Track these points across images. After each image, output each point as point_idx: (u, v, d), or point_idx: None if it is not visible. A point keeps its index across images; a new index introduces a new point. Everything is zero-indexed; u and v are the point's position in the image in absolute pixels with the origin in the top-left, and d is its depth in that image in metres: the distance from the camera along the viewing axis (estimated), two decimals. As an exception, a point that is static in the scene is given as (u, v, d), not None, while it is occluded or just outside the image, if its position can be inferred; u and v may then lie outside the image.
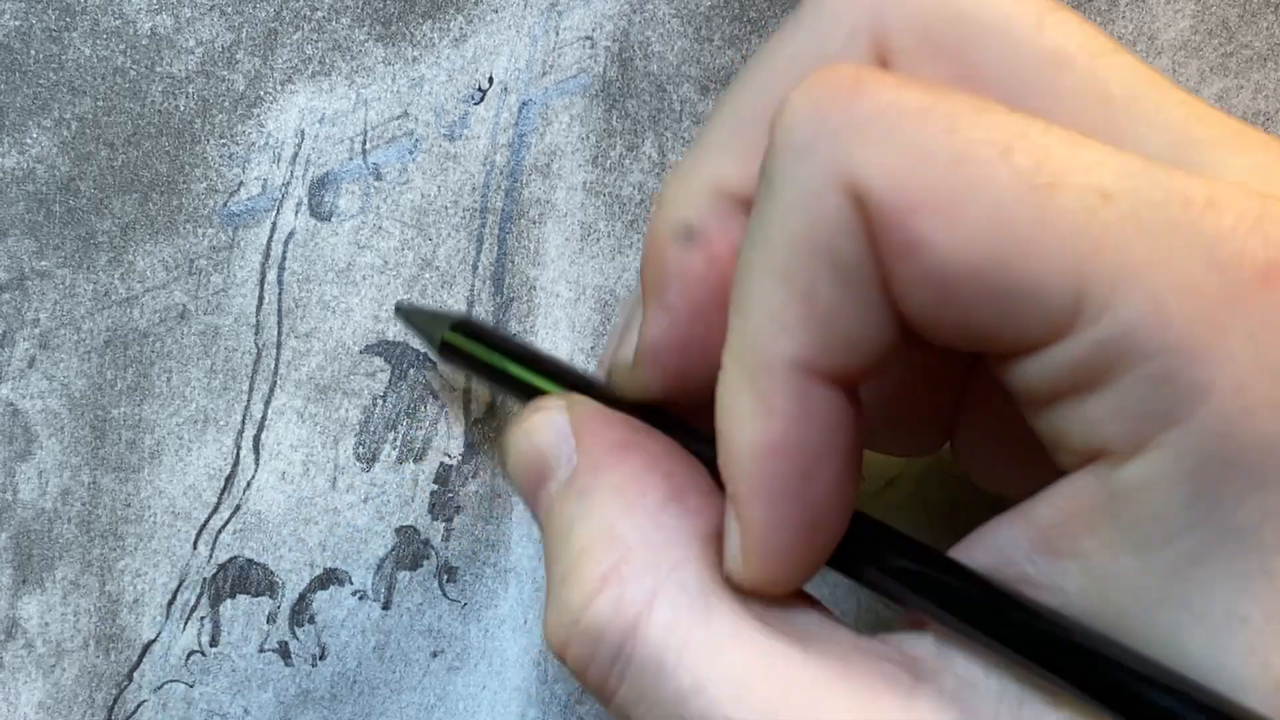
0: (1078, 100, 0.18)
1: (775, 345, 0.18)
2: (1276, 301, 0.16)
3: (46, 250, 0.32)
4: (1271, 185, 0.17)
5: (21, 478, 0.32)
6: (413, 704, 0.34)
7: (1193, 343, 0.16)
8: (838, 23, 0.20)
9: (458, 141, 0.34)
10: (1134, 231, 0.16)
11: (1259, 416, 0.16)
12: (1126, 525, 0.17)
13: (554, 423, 0.22)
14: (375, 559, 0.33)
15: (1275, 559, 0.16)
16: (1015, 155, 0.16)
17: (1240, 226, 0.16)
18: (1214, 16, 0.36)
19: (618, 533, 0.20)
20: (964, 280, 0.16)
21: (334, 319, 0.33)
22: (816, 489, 0.19)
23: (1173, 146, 0.18)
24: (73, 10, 0.31)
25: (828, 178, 0.17)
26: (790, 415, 0.18)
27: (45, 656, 0.32)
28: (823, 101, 0.17)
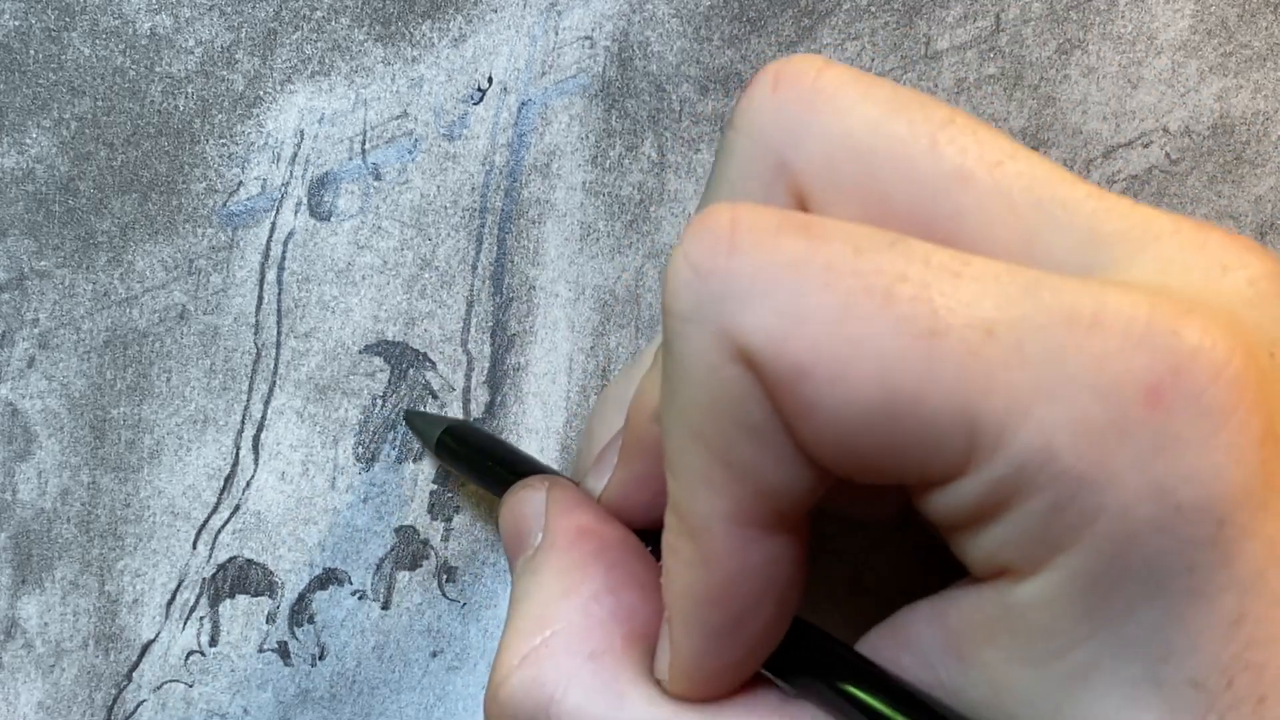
0: (983, 214, 0.19)
1: (707, 505, 0.18)
2: (1161, 421, 0.16)
3: (46, 250, 0.32)
4: (1175, 277, 0.17)
5: (21, 478, 0.32)
6: (412, 704, 0.34)
7: (1081, 472, 0.16)
8: (750, 172, 0.20)
9: (457, 141, 0.34)
10: (1018, 365, 0.16)
11: (1143, 537, 0.16)
12: (1023, 640, 0.18)
13: (532, 500, 0.24)
14: (375, 559, 0.33)
15: (1164, 668, 0.17)
16: (896, 304, 0.17)
17: (1126, 345, 0.16)
18: (1214, 16, 0.36)
19: (549, 615, 0.22)
20: (859, 435, 0.17)
21: (334, 319, 0.33)
22: (749, 631, 0.19)
23: (1079, 246, 0.18)
24: (72, 10, 0.31)
25: (718, 346, 0.17)
26: (728, 570, 0.19)
27: (45, 656, 0.32)
28: (701, 262, 0.17)
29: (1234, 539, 0.16)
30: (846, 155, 0.19)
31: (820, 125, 0.19)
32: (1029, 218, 0.18)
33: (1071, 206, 0.18)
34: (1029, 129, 0.36)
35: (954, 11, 0.35)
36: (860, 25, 0.35)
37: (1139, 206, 0.18)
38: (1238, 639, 0.16)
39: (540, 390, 0.34)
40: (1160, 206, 0.36)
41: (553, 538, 0.23)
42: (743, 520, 0.18)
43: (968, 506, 0.17)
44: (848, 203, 0.19)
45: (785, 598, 0.19)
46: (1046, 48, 0.36)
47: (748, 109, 0.20)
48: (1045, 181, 0.19)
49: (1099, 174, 0.36)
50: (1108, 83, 0.36)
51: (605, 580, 0.22)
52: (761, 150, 0.20)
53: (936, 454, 0.17)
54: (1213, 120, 0.36)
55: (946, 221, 0.19)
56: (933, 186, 0.19)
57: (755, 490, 0.18)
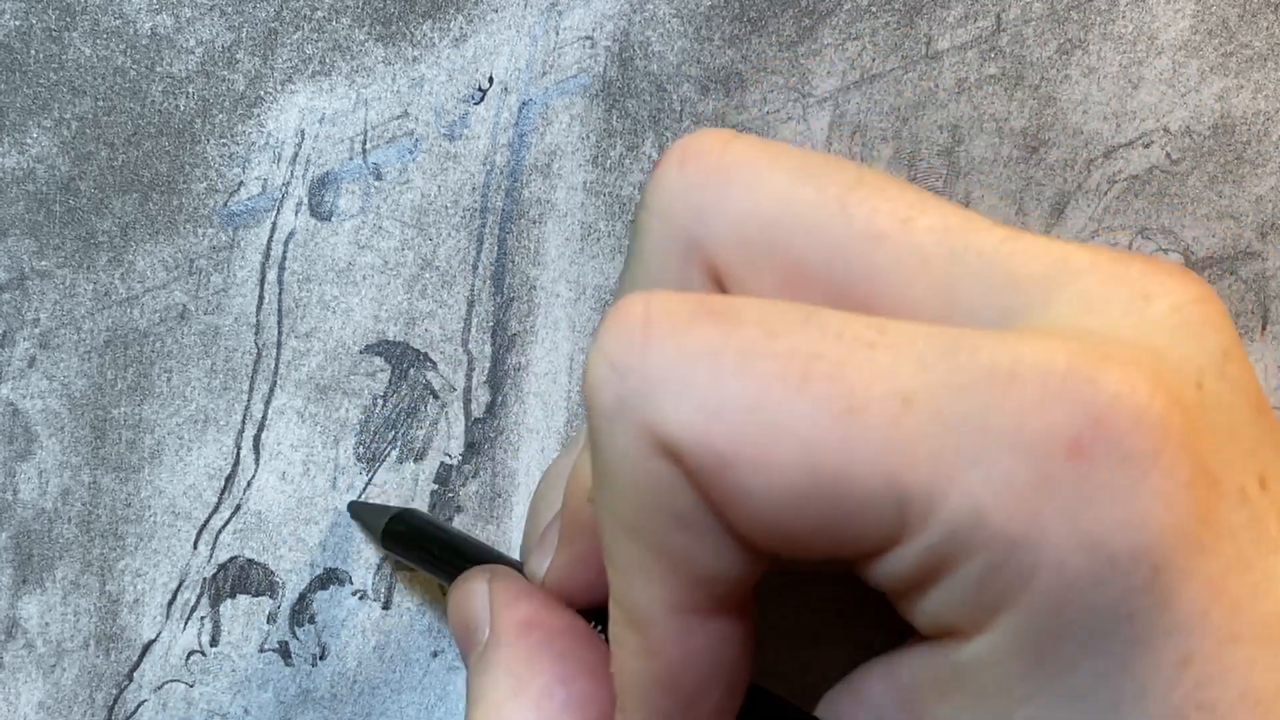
0: (898, 272, 0.18)
1: (646, 595, 0.18)
2: (1086, 473, 0.16)
3: (46, 250, 0.32)
4: (1096, 313, 0.17)
5: (21, 478, 0.32)
6: (413, 704, 0.34)
7: (1011, 533, 0.16)
8: (663, 253, 0.20)
9: (458, 141, 0.34)
10: (939, 432, 0.16)
11: (1080, 590, 0.16)
12: (971, 698, 0.18)
13: (477, 593, 0.24)
14: (375, 559, 0.33)
15: (1114, 715, 0.17)
16: (812, 384, 0.16)
17: (1045, 399, 0.16)
18: (1214, 16, 0.36)
19: (503, 715, 0.22)
20: (789, 517, 0.17)
21: (334, 319, 0.33)
22: (702, 710, 0.19)
23: (998, 292, 0.18)
24: (73, 10, 0.31)
25: (641, 441, 0.17)
26: (673, 657, 0.19)
27: (45, 656, 0.32)
28: (618, 358, 0.17)
29: (1171, 583, 0.16)
30: (757, 228, 0.19)
31: (729, 201, 0.19)
32: (944, 270, 0.18)
33: (987, 253, 0.18)
34: (1029, 129, 0.36)
35: (955, 11, 0.35)
36: (861, 25, 0.35)
37: (1056, 243, 0.18)
38: (1186, 680, 0.16)
39: (541, 390, 0.34)
40: (1161, 206, 0.36)
41: (499, 632, 0.23)
42: (683, 607, 0.18)
43: (905, 574, 0.17)
44: (763, 275, 0.19)
45: (734, 677, 0.19)
46: (1047, 48, 0.36)
47: (657, 189, 0.20)
48: (958, 231, 0.18)
49: (1100, 174, 0.36)
50: (1108, 83, 0.36)
51: (555, 672, 0.22)
52: (673, 230, 0.20)
53: (868, 528, 0.17)
54: (1213, 120, 0.36)
55: (862, 284, 0.19)
56: (845, 250, 0.19)
57: (692, 578, 0.18)
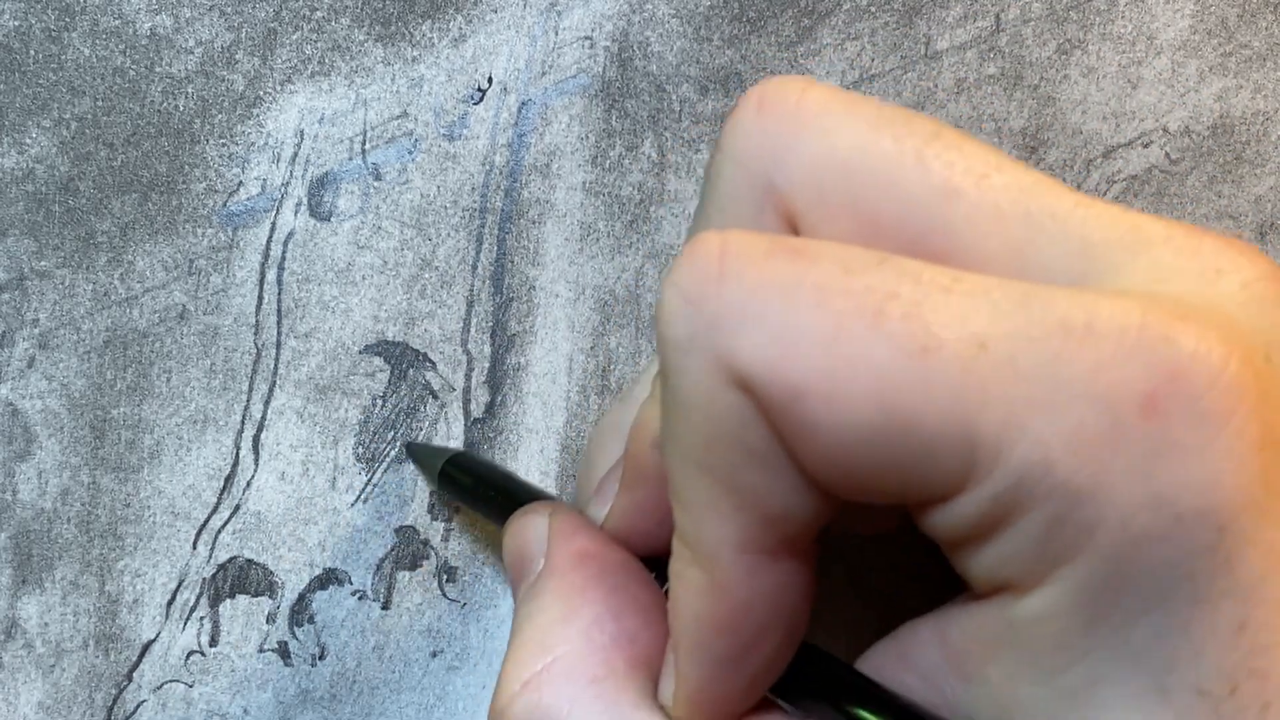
0: (973, 228, 0.18)
1: (715, 533, 0.18)
2: (1157, 429, 0.16)
3: (46, 250, 0.32)
4: (1169, 282, 0.17)
5: (21, 478, 0.32)
6: (412, 704, 0.34)
7: (1079, 484, 0.16)
8: (738, 196, 0.20)
9: (457, 141, 0.34)
10: (1013, 378, 0.16)
11: (1144, 547, 0.16)
12: (1026, 655, 0.18)
13: (535, 525, 0.24)
14: (375, 559, 0.33)
15: (1168, 676, 0.17)
16: (888, 322, 0.17)
17: (1119, 353, 0.16)
18: (1214, 16, 0.36)
19: (549, 640, 0.22)
20: (858, 454, 0.17)
21: (334, 319, 0.33)
22: (757, 657, 0.19)
23: (1071, 256, 0.18)
24: (72, 10, 0.31)
25: (714, 373, 0.17)
26: (738, 597, 0.19)
27: (45, 656, 0.32)
28: (693, 291, 0.17)
29: (1235, 546, 0.16)
30: (833, 175, 0.19)
31: (805, 146, 0.19)
32: (1018, 229, 0.18)
33: (1061, 216, 0.18)
34: (1029, 129, 0.36)
35: (954, 11, 0.35)
36: (860, 25, 0.35)
37: (1129, 213, 0.18)
38: (1241, 646, 0.16)
39: (540, 390, 0.34)
40: (1160, 207, 0.36)
41: (554, 562, 0.23)
42: (750, 547, 0.18)
43: (968, 523, 0.17)
44: (837, 222, 0.19)
45: (793, 624, 0.19)
46: (1046, 48, 0.36)
47: (733, 133, 0.20)
48: (1033, 192, 0.19)
49: (1099, 174, 0.36)
50: (1108, 83, 0.36)
51: (607, 605, 0.22)
52: (748, 174, 0.20)
53: (935, 471, 0.17)
54: (1213, 120, 0.36)
55: (936, 237, 0.19)
56: (921, 202, 0.19)
57: (761, 516, 0.18)
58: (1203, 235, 0.18)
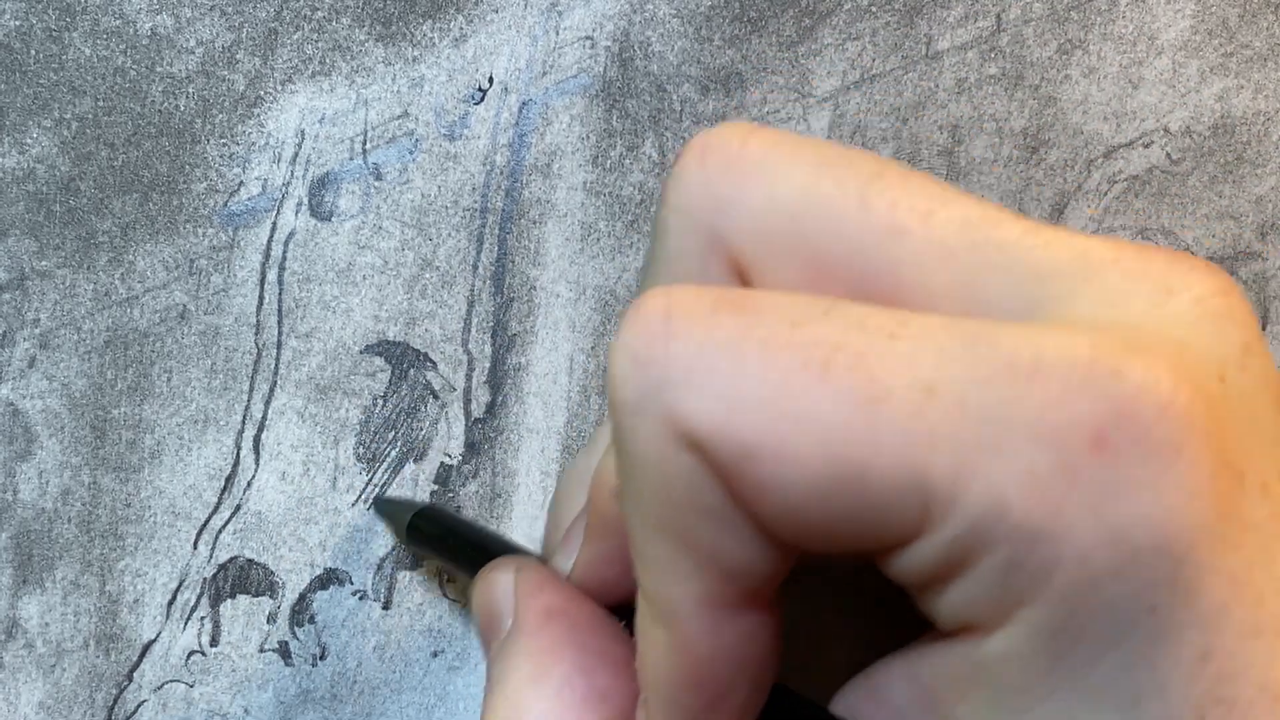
0: (920, 266, 0.18)
1: (675, 591, 0.18)
2: (1109, 466, 0.16)
3: (46, 250, 0.32)
4: (1119, 306, 0.17)
5: (21, 478, 0.32)
6: (413, 704, 0.34)
7: (1034, 525, 0.16)
8: (685, 247, 0.20)
9: (458, 141, 0.34)
10: (962, 422, 0.16)
11: (1103, 584, 0.16)
12: (993, 695, 0.18)
13: (502, 582, 0.24)
14: (375, 559, 0.33)
15: (1134, 711, 0.17)
16: (834, 374, 0.16)
17: (1067, 391, 0.16)
18: (1214, 16, 0.36)
19: (523, 702, 0.22)
20: (812, 509, 0.17)
21: (334, 319, 0.33)
22: (727, 710, 0.19)
23: (1020, 286, 0.18)
24: (73, 10, 0.31)
25: (665, 434, 0.17)
26: (703, 653, 0.19)
27: (45, 656, 0.32)
28: (640, 352, 0.17)
29: (1194, 576, 0.16)
30: (778, 221, 0.19)
31: (749, 194, 0.19)
32: (966, 263, 0.18)
33: (1009, 247, 0.18)
34: (1029, 129, 0.36)
35: (955, 11, 0.35)
36: (861, 25, 0.35)
37: (1078, 237, 0.18)
38: (1206, 675, 0.16)
39: (541, 390, 0.34)
40: (1161, 207, 0.36)
41: (522, 621, 0.23)
42: (712, 603, 0.18)
43: (927, 568, 0.17)
44: (784, 268, 0.19)
45: (761, 674, 0.19)
46: (1047, 48, 0.36)
47: (677, 184, 0.20)
48: (980, 224, 0.18)
49: (1100, 174, 0.36)
50: (1108, 83, 0.36)
51: (577, 662, 0.22)
52: (694, 224, 0.20)
53: (890, 520, 0.17)
54: (1213, 120, 0.36)
55: (884, 277, 0.18)
56: (866, 244, 0.19)
57: (721, 573, 0.18)
58: (1152, 254, 0.18)
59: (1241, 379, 0.17)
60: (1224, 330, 0.17)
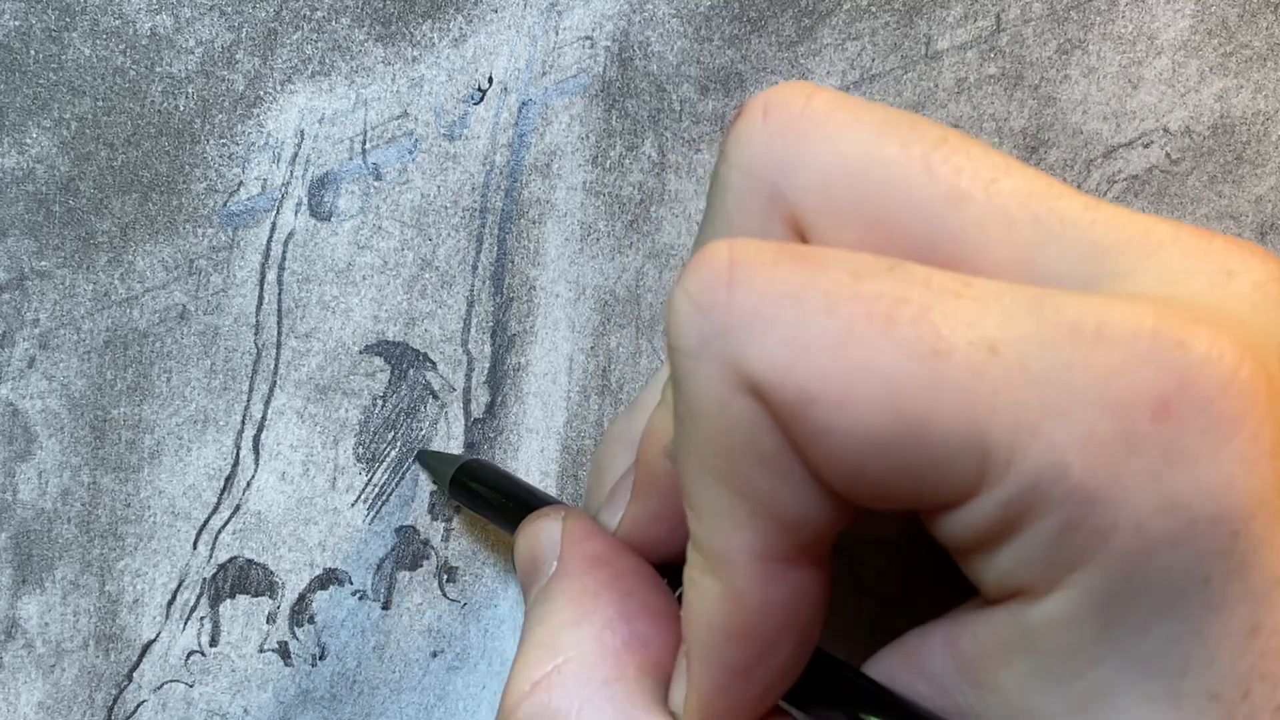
0: (982, 233, 0.18)
1: (730, 541, 0.18)
2: (1169, 434, 0.16)
3: (46, 250, 0.32)
4: (1180, 285, 0.17)
5: (21, 478, 0.32)
6: (413, 704, 0.34)
7: (1093, 489, 0.16)
8: (745, 205, 0.20)
9: (457, 141, 0.34)
10: (1024, 382, 0.16)
11: (1158, 552, 0.16)
12: (1039, 661, 0.17)
13: (548, 529, 0.24)
14: (375, 559, 0.33)
15: (1182, 682, 0.17)
16: (898, 326, 0.16)
17: (1131, 358, 0.16)
18: (1214, 16, 0.36)
19: (560, 642, 0.22)
20: (870, 459, 0.17)
21: (334, 319, 0.33)
22: (771, 666, 0.19)
23: (1081, 260, 0.18)
24: (73, 10, 0.31)
25: (726, 380, 0.17)
26: (753, 605, 0.19)
27: (45, 656, 0.32)
28: (702, 299, 0.17)
29: (1249, 550, 0.16)
30: (841, 182, 0.19)
31: (812, 153, 0.19)
32: (1028, 234, 0.18)
33: (1070, 219, 0.18)
34: (1029, 129, 0.36)
35: (954, 11, 0.35)
36: (861, 25, 0.35)
37: (1138, 215, 0.18)
38: (1253, 649, 0.16)
39: (541, 390, 0.34)
40: (1160, 207, 0.36)
41: (567, 566, 0.23)
42: (766, 555, 0.18)
43: (981, 528, 0.17)
44: (845, 230, 0.19)
45: (807, 632, 0.19)
46: (1047, 48, 0.36)
47: (739, 141, 0.20)
48: (1042, 196, 0.18)
49: (1099, 174, 0.36)
50: (1108, 83, 0.36)
51: (619, 608, 0.22)
52: (755, 182, 0.20)
53: (948, 475, 0.17)
54: (1213, 120, 0.36)
55: (946, 243, 0.19)
56: (929, 208, 0.19)
57: (777, 523, 0.18)
58: (1212, 237, 0.18)
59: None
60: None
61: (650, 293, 0.34)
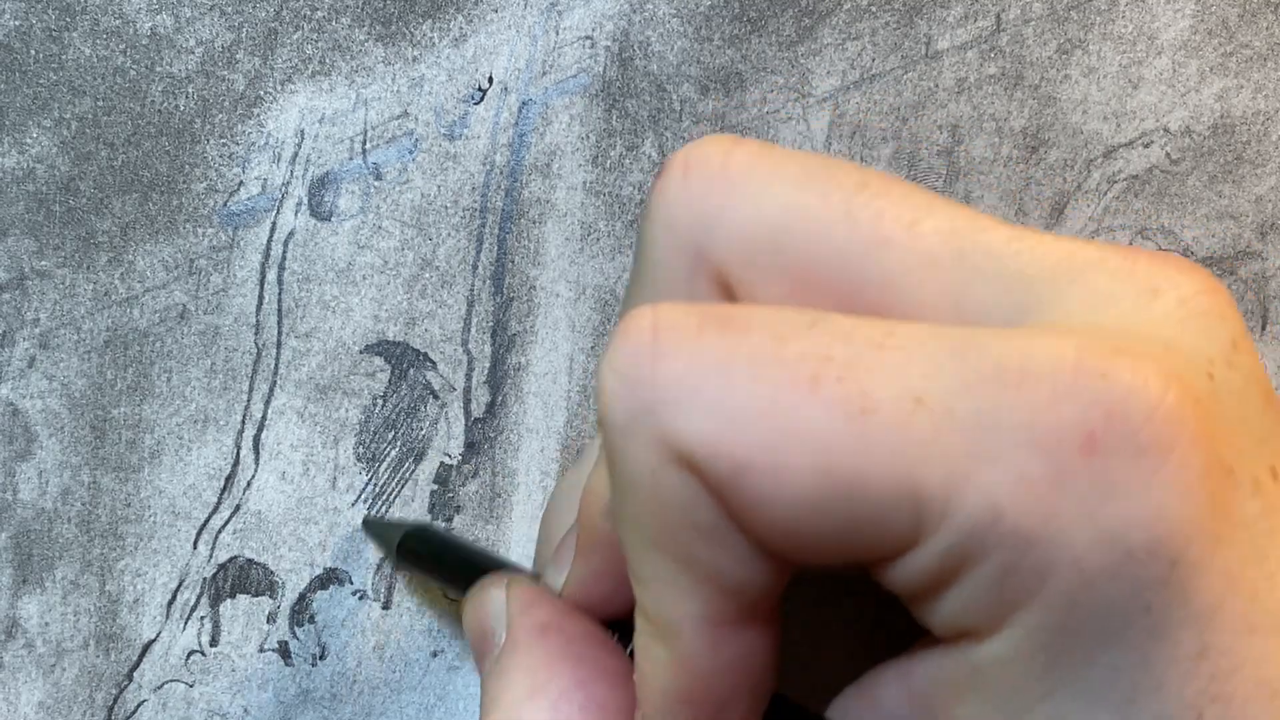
0: (907, 276, 0.18)
1: (676, 609, 0.18)
2: (1099, 468, 0.16)
3: (46, 250, 0.32)
4: (1105, 309, 0.17)
5: (21, 478, 0.32)
6: (413, 704, 0.34)
7: (1028, 530, 0.16)
8: (670, 264, 0.20)
9: (458, 141, 0.34)
10: (952, 430, 0.16)
11: (1098, 586, 0.16)
12: (990, 698, 0.17)
13: (494, 599, 0.24)
14: (375, 559, 0.33)
15: (1131, 709, 0.17)
16: (823, 387, 0.16)
17: (1055, 395, 0.16)
18: (1214, 16, 0.36)
19: (519, 717, 0.22)
20: (806, 522, 0.17)
21: (334, 319, 0.33)
22: None
23: (1007, 292, 0.18)
24: (73, 10, 0.31)
25: (657, 454, 0.17)
26: (703, 669, 0.19)
27: (45, 656, 0.32)
28: (628, 372, 0.17)
29: (1188, 575, 0.16)
30: (763, 236, 0.19)
31: (733, 210, 0.19)
32: (953, 271, 0.18)
33: (994, 252, 0.18)
34: (1029, 129, 0.36)
35: (954, 11, 0.35)
36: (861, 25, 0.35)
37: (1063, 241, 0.18)
38: (1202, 673, 0.16)
39: (541, 390, 0.34)
40: (1160, 207, 0.36)
41: (515, 636, 0.23)
42: (713, 620, 0.18)
43: (922, 576, 0.17)
44: (770, 283, 0.19)
45: (760, 686, 0.19)
46: (1047, 48, 0.36)
47: (661, 198, 0.20)
48: (965, 232, 0.18)
49: (1099, 174, 0.36)
50: (1108, 83, 0.36)
51: (573, 675, 0.22)
52: (678, 240, 0.20)
53: (884, 530, 0.17)
54: (1213, 120, 0.36)
55: (871, 289, 0.18)
56: (852, 256, 0.19)
57: (720, 590, 0.18)
58: (1137, 255, 0.18)
59: (1230, 376, 0.17)
60: (1211, 328, 0.17)
61: (650, 292, 0.34)
